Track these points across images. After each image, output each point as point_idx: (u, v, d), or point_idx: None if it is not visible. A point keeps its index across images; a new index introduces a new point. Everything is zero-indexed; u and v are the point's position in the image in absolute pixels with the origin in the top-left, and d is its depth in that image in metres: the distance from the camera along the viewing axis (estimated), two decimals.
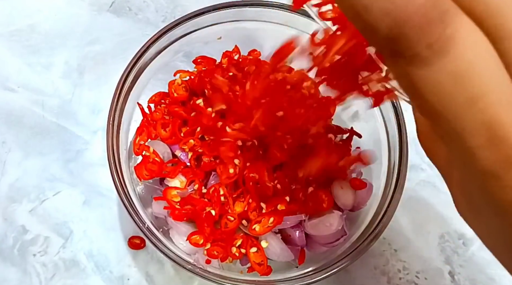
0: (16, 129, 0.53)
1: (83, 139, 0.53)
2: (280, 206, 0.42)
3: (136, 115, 0.48)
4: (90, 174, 0.52)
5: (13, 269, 0.49)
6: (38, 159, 0.52)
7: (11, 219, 0.50)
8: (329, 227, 0.44)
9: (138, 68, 0.45)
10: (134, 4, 0.59)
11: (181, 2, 0.59)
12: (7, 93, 0.54)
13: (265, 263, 0.43)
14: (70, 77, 0.56)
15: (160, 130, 0.46)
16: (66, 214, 0.51)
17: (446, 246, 0.52)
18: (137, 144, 0.46)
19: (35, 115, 0.54)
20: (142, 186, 0.48)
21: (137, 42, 0.45)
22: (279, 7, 0.47)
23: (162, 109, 0.48)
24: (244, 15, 0.48)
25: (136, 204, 0.43)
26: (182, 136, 0.46)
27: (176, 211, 0.43)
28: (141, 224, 0.41)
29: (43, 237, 0.50)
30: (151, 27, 0.58)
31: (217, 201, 0.42)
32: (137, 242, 0.50)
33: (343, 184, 0.45)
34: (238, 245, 0.43)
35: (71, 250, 0.50)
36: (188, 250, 0.44)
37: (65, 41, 0.57)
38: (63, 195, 0.51)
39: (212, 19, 0.48)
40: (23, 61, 0.56)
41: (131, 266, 0.49)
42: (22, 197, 0.51)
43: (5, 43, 0.56)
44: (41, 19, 0.58)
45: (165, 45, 0.47)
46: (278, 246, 0.43)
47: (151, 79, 0.49)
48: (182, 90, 0.48)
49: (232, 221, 0.43)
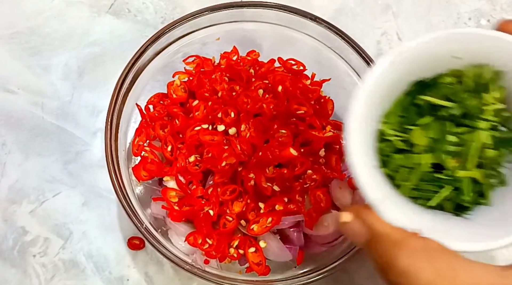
0: (16, 131, 0.53)
1: (82, 141, 0.53)
2: (278, 206, 0.42)
3: (135, 116, 0.49)
4: (90, 176, 0.52)
5: (13, 270, 0.49)
6: (37, 161, 0.53)
7: (11, 221, 0.50)
8: (327, 227, 0.44)
9: (136, 69, 0.45)
10: (133, 5, 0.59)
11: (180, 3, 0.59)
12: (7, 95, 0.55)
13: (263, 263, 0.43)
14: (70, 78, 0.56)
15: (159, 131, 0.46)
16: (65, 215, 0.51)
17: None
18: (136, 145, 0.46)
19: (34, 117, 0.54)
20: (141, 187, 0.48)
21: (136, 44, 0.46)
22: (277, 8, 0.47)
23: (160, 110, 0.48)
24: (243, 16, 0.48)
25: (135, 205, 0.43)
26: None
27: (174, 212, 0.43)
28: (139, 225, 0.41)
29: (43, 238, 0.50)
30: (150, 28, 0.58)
31: (216, 201, 0.42)
32: (137, 242, 0.50)
33: (341, 184, 0.45)
34: (235, 246, 0.43)
35: (70, 251, 0.50)
36: (186, 250, 0.44)
37: (64, 43, 0.57)
38: (63, 197, 0.51)
39: (211, 20, 0.48)
40: (23, 63, 0.56)
41: (130, 266, 0.50)
42: (22, 198, 0.51)
43: (5, 46, 0.57)
44: (41, 21, 0.58)
45: (163, 46, 0.47)
46: (276, 246, 0.44)
47: (150, 80, 0.49)
48: (181, 91, 0.48)
49: (231, 221, 0.43)
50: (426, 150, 0.30)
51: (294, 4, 0.48)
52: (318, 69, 0.50)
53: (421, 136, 0.30)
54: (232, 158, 0.42)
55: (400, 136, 0.31)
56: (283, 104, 0.44)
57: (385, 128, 0.31)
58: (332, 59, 0.49)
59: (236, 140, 0.43)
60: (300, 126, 0.44)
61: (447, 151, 0.30)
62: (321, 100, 0.48)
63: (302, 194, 0.43)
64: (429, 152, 0.30)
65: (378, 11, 0.61)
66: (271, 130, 0.43)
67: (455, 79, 0.31)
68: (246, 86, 0.46)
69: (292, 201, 0.43)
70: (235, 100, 0.44)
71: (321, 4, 0.60)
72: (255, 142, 0.43)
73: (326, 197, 0.44)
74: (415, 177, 0.30)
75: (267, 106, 0.44)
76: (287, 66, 0.49)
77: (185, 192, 0.44)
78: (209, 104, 0.45)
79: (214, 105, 0.45)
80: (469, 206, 0.31)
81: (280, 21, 0.49)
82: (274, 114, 0.44)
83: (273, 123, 0.43)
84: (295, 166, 0.43)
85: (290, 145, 0.42)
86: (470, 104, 0.30)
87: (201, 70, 0.48)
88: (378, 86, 0.29)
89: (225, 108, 0.44)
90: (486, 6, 0.62)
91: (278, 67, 0.49)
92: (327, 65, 0.49)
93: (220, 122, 0.44)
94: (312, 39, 0.49)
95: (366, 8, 0.61)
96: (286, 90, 0.45)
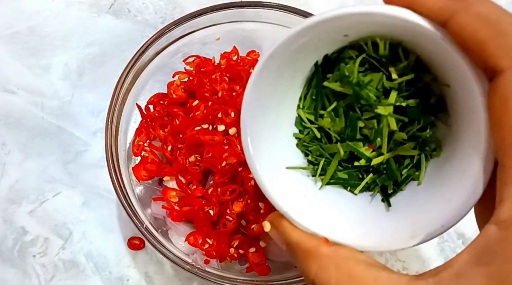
0: (16, 131, 0.53)
1: (82, 141, 0.53)
2: None
3: (135, 116, 0.49)
4: (90, 176, 0.52)
5: (13, 270, 0.49)
6: (37, 161, 0.53)
7: (10, 221, 0.50)
8: None
9: (136, 69, 0.45)
10: (133, 5, 0.59)
11: (180, 3, 0.59)
12: (7, 95, 0.55)
13: (263, 263, 0.43)
14: (70, 78, 0.56)
15: (159, 131, 0.46)
16: (65, 215, 0.51)
17: (445, 246, 0.52)
18: (136, 145, 0.46)
19: (34, 117, 0.54)
20: (141, 187, 0.48)
21: (136, 44, 0.46)
22: (277, 8, 0.47)
23: (160, 110, 0.48)
24: (243, 16, 0.48)
25: (135, 205, 0.43)
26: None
27: (174, 212, 0.43)
28: (139, 225, 0.41)
29: (43, 238, 0.50)
30: (150, 28, 0.58)
31: (216, 201, 0.42)
32: (137, 242, 0.50)
33: None
34: (235, 246, 0.43)
35: (70, 251, 0.50)
36: (187, 250, 0.44)
37: (64, 43, 0.57)
38: (63, 197, 0.51)
39: (211, 20, 0.48)
40: (22, 63, 0.56)
41: (130, 266, 0.50)
42: (22, 198, 0.51)
43: (4, 46, 0.56)
44: (41, 21, 0.58)
45: (163, 46, 0.47)
46: (276, 246, 0.43)
47: (150, 80, 0.49)
48: (181, 91, 0.48)
49: (231, 221, 0.43)
50: (340, 138, 0.29)
51: (294, 4, 0.48)
52: None
53: (331, 123, 0.29)
54: (232, 158, 0.42)
55: (316, 123, 0.29)
56: None
57: (301, 113, 0.29)
58: None
59: (236, 140, 0.43)
60: None
61: (359, 138, 0.28)
62: None
63: None
64: (343, 141, 0.28)
65: None
66: None
67: (356, 52, 0.28)
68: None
69: None
70: (235, 100, 0.44)
71: (321, 4, 0.60)
72: None
73: None
74: (333, 167, 0.29)
75: None
76: None
77: (185, 192, 0.44)
78: (209, 104, 0.45)
79: (214, 105, 0.45)
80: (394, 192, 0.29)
81: (280, 21, 0.49)
82: None
83: None
84: None
85: None
86: (365, 92, 0.27)
87: (201, 70, 0.48)
88: (271, 71, 0.27)
89: (225, 108, 0.44)
90: None
91: None
92: None
93: (220, 122, 0.44)
94: None
95: None
96: None
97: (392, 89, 0.27)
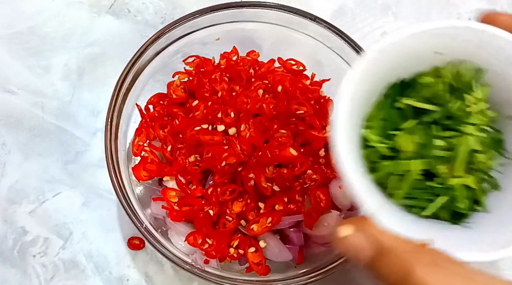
0: (16, 131, 0.53)
1: (82, 141, 0.54)
2: (278, 206, 0.42)
3: (135, 116, 0.49)
4: (90, 176, 0.52)
5: (13, 270, 0.49)
6: (37, 161, 0.53)
7: (11, 221, 0.50)
8: (327, 227, 0.44)
9: (136, 69, 0.46)
10: (133, 6, 0.59)
11: (180, 3, 0.59)
12: (7, 95, 0.55)
13: (263, 263, 0.43)
14: (70, 79, 0.56)
15: (159, 131, 0.46)
16: (65, 215, 0.51)
17: None
18: (136, 145, 0.46)
19: (34, 117, 0.54)
20: (141, 187, 0.48)
21: (136, 44, 0.46)
22: (277, 8, 0.47)
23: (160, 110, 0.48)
24: (243, 16, 0.49)
25: (135, 205, 0.43)
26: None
27: (174, 212, 0.43)
28: (139, 225, 0.41)
29: (43, 238, 0.50)
30: (150, 28, 0.58)
31: (216, 201, 0.42)
32: (137, 242, 0.50)
33: (341, 183, 0.45)
34: (235, 246, 0.43)
35: (70, 251, 0.50)
36: (186, 250, 0.44)
37: (64, 43, 0.57)
38: (63, 197, 0.51)
39: (211, 20, 0.48)
40: (23, 63, 0.56)
41: (130, 266, 0.50)
42: (22, 198, 0.51)
43: (5, 46, 0.57)
44: (41, 21, 0.58)
45: (163, 46, 0.47)
46: (276, 246, 0.44)
47: (150, 80, 0.49)
48: (181, 91, 0.48)
49: (231, 221, 0.43)
50: (414, 156, 0.28)
51: (294, 4, 0.48)
52: (318, 69, 0.50)
53: (407, 141, 0.28)
54: (232, 158, 0.42)
55: (385, 142, 0.29)
56: (283, 104, 0.44)
57: (368, 134, 0.29)
58: (332, 59, 0.49)
59: (236, 140, 0.43)
60: (300, 126, 0.44)
61: (436, 156, 0.28)
62: (321, 100, 0.48)
63: (302, 194, 0.43)
64: (417, 158, 0.28)
65: (378, 11, 0.61)
66: (271, 130, 0.43)
67: (435, 79, 0.29)
68: (246, 86, 0.46)
69: (292, 201, 0.43)
70: (235, 100, 0.44)
71: (321, 4, 0.60)
72: (255, 142, 0.43)
73: (326, 197, 0.44)
74: (406, 185, 0.28)
75: (267, 106, 0.44)
76: (287, 66, 0.49)
77: (185, 192, 0.44)
78: (209, 104, 0.45)
79: (214, 105, 0.45)
80: (466, 213, 0.29)
81: (280, 21, 0.49)
82: (274, 114, 0.44)
83: (273, 123, 0.43)
84: (295, 166, 0.43)
85: (290, 145, 0.42)
86: (453, 106, 0.28)
87: (201, 70, 0.48)
88: (360, 84, 0.27)
89: (225, 108, 0.44)
90: (486, 6, 0.62)
91: (278, 67, 0.49)
92: (327, 65, 0.49)
93: (220, 122, 0.44)
94: (312, 39, 0.49)
95: (366, 8, 0.61)
96: (286, 90, 0.45)
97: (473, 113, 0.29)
